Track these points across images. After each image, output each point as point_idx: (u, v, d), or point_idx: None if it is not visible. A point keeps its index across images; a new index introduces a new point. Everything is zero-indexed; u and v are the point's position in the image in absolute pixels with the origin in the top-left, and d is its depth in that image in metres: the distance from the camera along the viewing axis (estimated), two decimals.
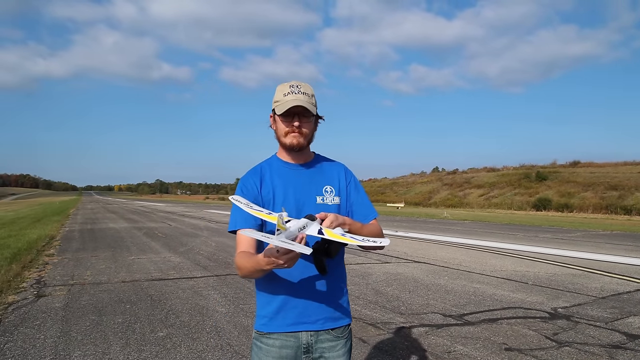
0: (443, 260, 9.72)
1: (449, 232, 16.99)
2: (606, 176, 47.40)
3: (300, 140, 1.75)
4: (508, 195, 51.11)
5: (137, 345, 4.23)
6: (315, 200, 1.78)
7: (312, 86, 1.79)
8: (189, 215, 28.16)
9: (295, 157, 1.83)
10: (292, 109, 1.70)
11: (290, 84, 1.74)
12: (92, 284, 6.96)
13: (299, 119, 1.72)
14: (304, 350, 1.74)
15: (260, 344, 1.77)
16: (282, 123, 1.75)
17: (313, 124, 1.79)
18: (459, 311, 5.56)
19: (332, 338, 1.78)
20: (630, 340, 4.57)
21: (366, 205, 1.90)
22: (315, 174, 1.84)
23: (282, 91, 1.73)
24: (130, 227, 18.24)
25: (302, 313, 1.74)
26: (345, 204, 1.85)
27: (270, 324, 1.75)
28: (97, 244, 12.46)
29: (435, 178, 70.96)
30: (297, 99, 1.69)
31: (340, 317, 1.80)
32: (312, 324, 1.75)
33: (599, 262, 9.64)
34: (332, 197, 1.81)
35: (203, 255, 10.23)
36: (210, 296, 6.18)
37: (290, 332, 1.73)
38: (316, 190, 1.80)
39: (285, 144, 1.77)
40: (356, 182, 1.91)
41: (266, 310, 1.77)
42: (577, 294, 6.54)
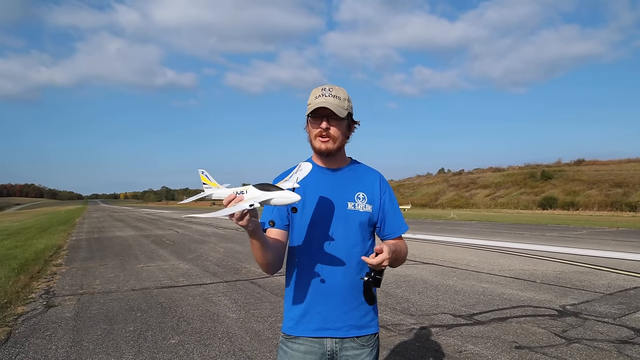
0: (451, 261, 9.73)
1: (457, 233, 16.98)
2: (610, 174, 47.24)
3: (329, 146, 1.74)
4: (514, 194, 51.00)
5: (150, 353, 4.27)
6: (347, 206, 1.77)
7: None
8: (196, 222, 28.21)
9: (328, 161, 1.82)
10: (320, 111, 1.70)
11: (323, 87, 1.75)
12: (101, 292, 7.01)
13: (327, 121, 1.72)
14: (328, 357, 1.75)
15: (285, 347, 1.79)
16: (311, 125, 1.77)
17: (345, 127, 1.77)
18: (469, 311, 5.57)
19: (357, 346, 1.76)
20: (638, 335, 4.59)
21: (398, 218, 1.89)
22: (349, 179, 1.83)
23: (314, 94, 1.75)
24: (138, 235, 18.32)
25: (326, 319, 1.74)
26: (377, 213, 1.84)
27: (296, 327, 1.77)
28: (105, 252, 12.52)
29: (441, 179, 70.85)
30: (326, 101, 1.70)
31: (366, 326, 1.79)
32: (336, 330, 1.74)
33: (605, 259, 9.62)
34: (364, 204, 1.79)
35: (212, 261, 10.27)
36: (220, 302, 6.22)
37: (315, 337, 1.75)
38: (348, 196, 1.79)
39: (314, 147, 1.78)
40: (391, 193, 1.90)
41: (293, 312, 1.79)
42: (585, 291, 6.54)
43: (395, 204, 1.89)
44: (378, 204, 1.83)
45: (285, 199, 1.47)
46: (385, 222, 1.86)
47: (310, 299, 1.75)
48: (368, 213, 1.79)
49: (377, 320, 1.85)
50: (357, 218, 1.77)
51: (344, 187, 1.80)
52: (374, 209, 1.81)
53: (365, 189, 1.82)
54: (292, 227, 1.79)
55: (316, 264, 1.74)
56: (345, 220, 1.76)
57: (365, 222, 1.79)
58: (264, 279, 7.81)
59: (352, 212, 1.77)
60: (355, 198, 1.79)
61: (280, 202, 1.48)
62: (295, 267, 1.79)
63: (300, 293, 1.77)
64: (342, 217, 1.76)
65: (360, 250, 1.77)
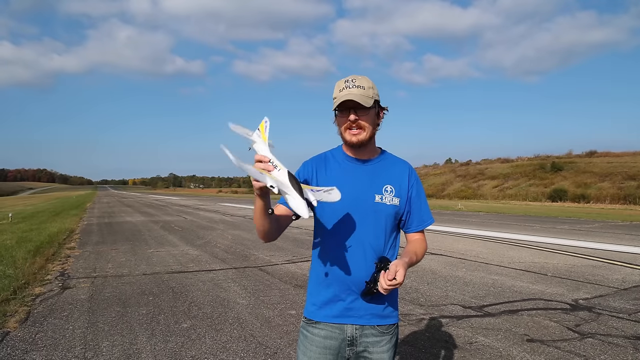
0: (460, 252, 9.69)
1: (465, 224, 16.91)
2: (624, 166, 46.57)
3: (360, 137, 1.73)
4: (523, 186, 50.57)
5: (163, 336, 4.31)
6: (374, 199, 1.76)
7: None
8: (204, 209, 28.39)
9: (358, 152, 1.81)
10: (346, 103, 1.69)
11: (346, 79, 1.74)
12: (114, 276, 7.09)
13: (355, 112, 1.71)
14: (348, 342, 1.77)
15: (306, 332, 1.81)
16: (339, 119, 1.76)
17: (373, 116, 1.76)
18: (479, 302, 5.55)
19: (378, 333, 1.78)
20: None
21: (425, 211, 1.89)
22: (377, 171, 1.81)
23: (338, 87, 1.74)
24: (147, 221, 18.48)
25: (349, 306, 1.76)
26: (404, 206, 1.83)
27: (318, 313, 1.79)
28: (116, 237, 12.65)
29: (448, 169, 70.48)
30: (350, 93, 1.68)
31: (388, 316, 1.81)
32: (358, 318, 1.76)
33: (619, 254, 9.52)
34: (392, 197, 1.78)
35: (220, 248, 10.34)
36: (230, 288, 6.25)
37: (336, 323, 1.77)
38: (376, 188, 1.78)
39: (345, 140, 1.77)
40: (419, 184, 1.88)
41: (316, 298, 1.80)
42: (598, 286, 6.48)
43: (422, 196, 1.88)
44: (405, 198, 1.83)
45: (295, 207, 1.46)
46: (410, 216, 1.86)
47: (333, 287, 1.76)
48: (395, 206, 1.79)
49: (398, 311, 1.86)
50: (383, 211, 1.77)
51: (372, 179, 1.79)
52: (401, 202, 1.81)
53: (393, 182, 1.81)
54: (319, 216, 1.80)
55: (342, 254, 1.74)
56: (372, 213, 1.76)
57: (392, 216, 1.79)
58: (273, 267, 7.84)
59: (379, 205, 1.76)
60: (382, 191, 1.78)
61: (290, 204, 1.47)
62: (321, 255, 1.80)
63: (325, 280, 1.78)
64: (369, 209, 1.75)
65: (385, 242, 1.78)
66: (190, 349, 3.98)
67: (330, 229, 1.76)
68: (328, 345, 1.76)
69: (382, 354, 1.78)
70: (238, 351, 3.96)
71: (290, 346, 4.06)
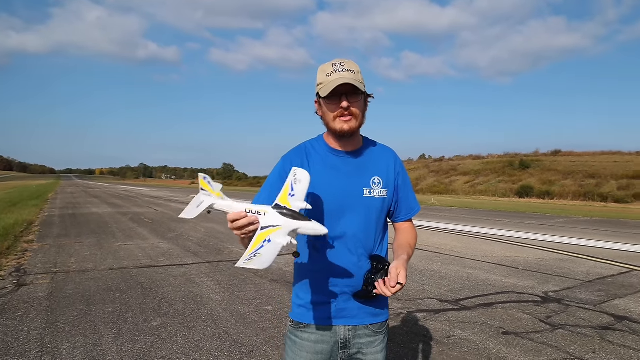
0: (435, 246, 9.76)
1: (439, 219, 17.10)
2: (585, 165, 48.31)
3: (352, 125, 1.59)
4: (492, 182, 51.72)
5: (131, 335, 4.11)
6: (362, 193, 1.65)
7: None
8: (175, 201, 27.82)
9: (345, 143, 1.68)
10: (338, 89, 1.53)
11: (332, 62, 1.59)
12: (77, 271, 6.77)
13: (347, 99, 1.56)
14: (341, 345, 1.67)
15: (294, 337, 1.69)
16: (329, 106, 1.60)
17: (363, 103, 1.63)
18: (455, 296, 5.57)
19: (371, 333, 1.70)
20: (618, 321, 4.67)
21: (412, 199, 1.80)
22: (364, 162, 1.70)
23: (324, 71, 1.59)
24: (115, 212, 17.92)
25: (342, 307, 1.66)
26: (392, 197, 1.74)
27: (307, 315, 1.67)
28: (81, 229, 12.18)
29: (422, 165, 71.37)
30: (342, 77, 1.54)
31: (380, 313, 1.72)
32: (351, 318, 1.67)
33: (583, 247, 9.80)
34: (380, 189, 1.68)
35: (193, 241, 10.09)
36: (203, 283, 6.08)
37: (327, 325, 1.66)
38: (364, 181, 1.66)
39: (335, 130, 1.61)
40: (404, 171, 1.79)
41: (304, 299, 1.69)
42: (566, 278, 6.63)
43: (408, 184, 1.79)
44: (393, 188, 1.73)
45: (312, 230, 1.36)
46: (398, 205, 1.77)
47: (325, 287, 1.65)
48: (384, 199, 1.69)
49: (388, 306, 1.79)
50: (373, 205, 1.66)
51: (359, 171, 1.68)
52: (389, 194, 1.71)
53: (381, 173, 1.70)
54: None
55: (332, 253, 1.64)
56: (362, 208, 1.65)
57: (381, 209, 1.69)
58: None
59: (368, 199, 1.65)
60: (370, 183, 1.67)
61: (307, 233, 1.38)
62: (309, 255, 1.68)
63: (314, 281, 1.67)
64: (358, 204, 1.64)
65: (375, 238, 1.69)
66: (160, 349, 3.80)
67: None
68: (319, 350, 1.65)
69: (376, 355, 1.70)
70: (212, 350, 3.81)
71: (267, 344, 3.95)
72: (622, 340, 4.13)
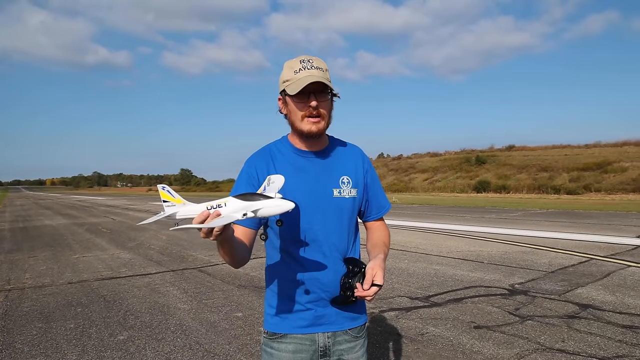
0: (400, 244, 9.86)
1: (401, 216, 17.33)
2: (538, 159, 50.36)
3: (320, 126, 1.53)
4: (450, 179, 53.06)
5: (96, 351, 3.91)
6: (332, 194, 1.59)
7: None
8: (133, 209, 26.95)
9: (311, 144, 1.61)
10: (307, 87, 1.46)
11: (300, 58, 1.52)
12: (33, 287, 6.41)
13: (315, 98, 1.49)
14: (321, 353, 1.59)
15: (270, 349, 1.60)
16: (296, 105, 1.52)
17: (330, 103, 1.56)
18: (425, 293, 5.62)
19: (351, 338, 1.64)
20: (583, 309, 4.83)
21: (382, 196, 1.76)
22: (332, 163, 1.63)
23: (291, 68, 1.51)
24: (70, 224, 17.15)
25: (320, 313, 1.59)
26: (362, 196, 1.69)
27: (283, 324, 1.59)
28: (34, 243, 11.58)
29: (381, 164, 72.35)
30: (312, 74, 1.47)
31: (359, 317, 1.67)
32: (330, 324, 1.60)
33: (542, 239, 10.16)
34: (349, 189, 1.62)
35: (155, 249, 9.77)
36: (169, 293, 5.87)
37: (306, 334, 1.58)
38: (332, 182, 1.60)
39: (302, 131, 1.54)
40: (372, 169, 1.74)
41: (278, 308, 1.60)
42: (530, 270, 6.83)
43: (377, 181, 1.75)
44: (362, 187, 1.68)
45: (277, 207, 1.25)
46: (369, 204, 1.72)
47: (300, 294, 1.58)
48: (354, 199, 1.63)
49: (366, 308, 1.73)
50: (344, 205, 1.60)
51: (328, 171, 1.61)
52: (358, 193, 1.66)
53: (349, 172, 1.65)
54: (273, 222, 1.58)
55: (305, 258, 1.56)
56: (333, 209, 1.58)
57: (352, 210, 1.63)
58: (213, 267, 7.51)
59: (339, 200, 1.59)
60: (340, 183, 1.61)
61: (271, 212, 1.26)
62: (281, 262, 1.61)
63: (289, 288, 1.59)
64: (328, 206, 1.57)
65: (348, 240, 1.63)
66: None
67: (290, 233, 1.57)
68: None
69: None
70: None
71: (241, 351, 3.84)
72: (588, 327, 4.27)
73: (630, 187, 34.18)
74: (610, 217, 15.48)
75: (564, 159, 47.55)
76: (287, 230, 1.56)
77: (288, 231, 1.56)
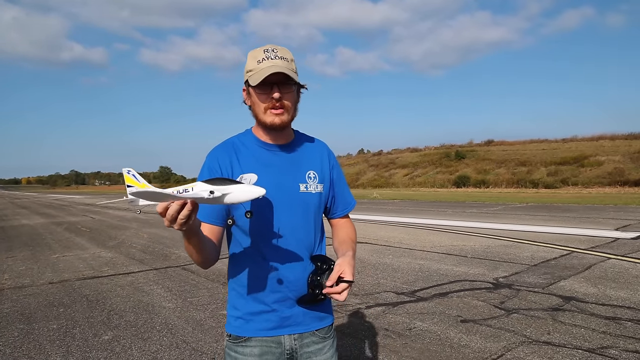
0: (384, 239, 9.92)
1: (383, 212, 17.44)
2: (516, 153, 51.20)
3: (284, 118, 1.48)
4: (431, 174, 53.57)
5: (81, 352, 3.83)
6: (299, 189, 1.54)
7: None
8: (113, 207, 26.52)
9: (276, 137, 1.55)
10: (270, 78, 1.42)
11: (264, 48, 1.47)
12: (13, 288, 6.25)
13: (278, 89, 1.44)
14: (287, 356, 1.54)
15: (234, 354, 1.53)
16: (259, 96, 1.47)
17: (295, 94, 1.51)
18: (410, 288, 5.66)
19: (319, 340, 1.58)
20: (566, 302, 4.92)
21: (347, 193, 1.74)
22: (298, 157, 1.59)
23: (255, 58, 1.46)
24: (48, 223, 16.78)
25: (286, 314, 1.53)
26: (328, 192, 1.66)
27: (247, 327, 1.53)
28: (11, 243, 11.29)
29: (361, 160, 72.67)
30: (275, 64, 1.42)
31: (326, 317, 1.61)
32: (296, 325, 1.54)
33: (524, 233, 10.35)
34: (316, 184, 1.58)
35: (136, 248, 9.62)
36: (153, 291, 5.79)
37: (271, 337, 1.52)
38: (299, 176, 1.56)
39: (265, 122, 1.49)
40: (338, 165, 1.71)
41: (242, 309, 1.54)
42: (513, 264, 6.94)
43: (342, 178, 1.73)
44: (328, 182, 1.65)
45: (247, 193, 1.19)
46: (335, 200, 1.70)
47: (266, 294, 1.52)
48: (320, 194, 1.60)
49: (332, 308, 1.68)
50: (310, 201, 1.56)
51: (294, 166, 1.57)
52: (324, 188, 1.62)
53: (315, 167, 1.61)
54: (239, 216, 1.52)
55: (272, 257, 1.51)
56: (300, 205, 1.54)
57: (319, 205, 1.60)
58: (197, 265, 7.43)
59: (306, 195, 1.55)
60: (306, 178, 1.57)
61: (241, 198, 1.19)
62: (245, 260, 1.54)
63: (253, 288, 1.52)
64: (295, 202, 1.53)
65: (314, 236, 1.59)
66: None
67: (255, 229, 1.51)
68: None
69: None
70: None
71: None
72: (572, 320, 4.35)
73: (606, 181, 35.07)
74: (589, 211, 15.86)
75: (542, 154, 48.42)
76: (252, 225, 1.51)
77: (254, 226, 1.51)
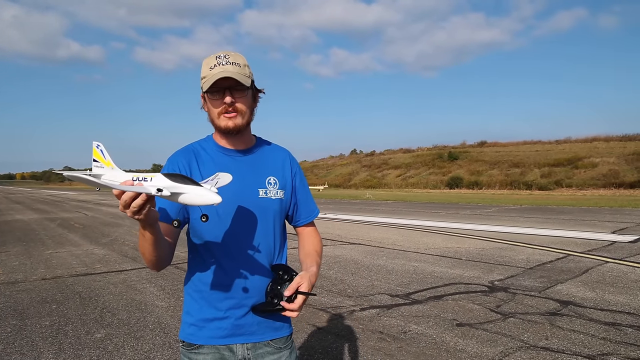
0: (377, 240, 9.91)
1: (376, 213, 17.45)
2: (510, 154, 51.46)
3: (237, 122, 1.48)
4: (423, 175, 53.73)
5: (73, 350, 3.79)
6: (258, 194, 1.53)
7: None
8: (106, 204, 26.36)
9: (234, 141, 1.56)
10: (219, 83, 1.43)
11: (217, 54, 1.48)
12: (5, 283, 6.19)
13: (230, 94, 1.45)
14: None
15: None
16: (212, 102, 1.48)
17: (250, 99, 1.52)
18: (405, 290, 5.65)
19: (274, 350, 1.54)
20: (564, 306, 4.90)
21: (310, 202, 1.73)
22: (257, 162, 1.59)
23: (207, 64, 1.47)
24: (41, 219, 16.66)
25: (239, 322, 1.50)
26: (290, 199, 1.65)
27: (199, 334, 1.50)
28: (5, 238, 11.20)
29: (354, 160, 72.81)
30: (225, 70, 1.43)
31: (282, 327, 1.58)
32: (250, 335, 1.52)
33: (519, 235, 10.37)
34: (276, 190, 1.58)
35: (129, 245, 9.56)
36: (146, 290, 5.75)
37: (223, 345, 1.50)
38: (258, 182, 1.55)
39: (220, 127, 1.50)
40: (301, 173, 1.71)
41: (196, 317, 1.52)
42: (508, 266, 6.94)
43: (306, 186, 1.72)
44: (290, 188, 1.64)
45: (201, 197, 1.16)
46: (297, 208, 1.68)
47: (220, 301, 1.50)
48: (281, 200, 1.59)
49: (291, 319, 1.61)
50: (270, 207, 1.55)
51: (253, 171, 1.56)
52: (286, 195, 1.62)
53: (276, 173, 1.61)
54: (195, 221, 1.51)
55: (227, 263, 1.50)
56: (259, 211, 1.53)
57: (279, 212, 1.59)
58: None
59: (265, 201, 1.54)
60: (266, 184, 1.56)
61: (195, 201, 1.16)
62: (201, 266, 1.53)
63: (208, 294, 1.51)
64: (253, 207, 1.52)
65: (274, 243, 1.58)
66: None
67: (211, 233, 1.49)
68: None
69: None
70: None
71: None
72: (570, 325, 4.32)
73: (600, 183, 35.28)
74: (584, 213, 15.95)
75: (535, 155, 48.68)
76: (208, 229, 1.49)
77: (209, 230, 1.49)
